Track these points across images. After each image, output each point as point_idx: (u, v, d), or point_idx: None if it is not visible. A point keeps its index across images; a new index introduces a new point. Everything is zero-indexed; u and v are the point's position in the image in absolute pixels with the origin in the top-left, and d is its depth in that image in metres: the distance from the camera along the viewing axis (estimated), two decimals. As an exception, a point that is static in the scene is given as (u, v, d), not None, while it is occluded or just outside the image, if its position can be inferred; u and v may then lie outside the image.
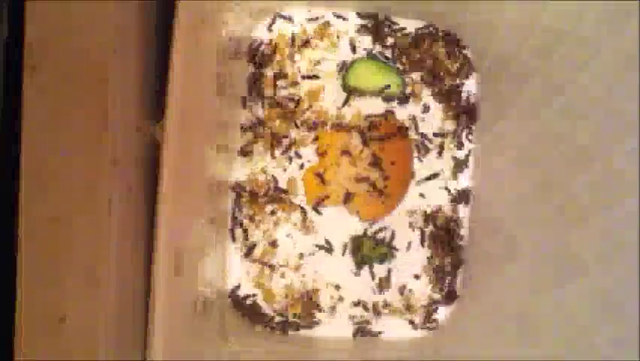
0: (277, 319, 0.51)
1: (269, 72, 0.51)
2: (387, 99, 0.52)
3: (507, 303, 0.47)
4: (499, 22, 0.47)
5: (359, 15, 0.52)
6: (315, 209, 0.51)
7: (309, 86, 0.51)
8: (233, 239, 0.51)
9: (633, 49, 0.37)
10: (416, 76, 0.52)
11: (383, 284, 0.52)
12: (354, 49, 0.52)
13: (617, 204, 0.39)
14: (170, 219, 0.33)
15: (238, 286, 0.51)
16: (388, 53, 0.52)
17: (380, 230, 0.52)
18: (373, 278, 0.52)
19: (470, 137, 0.53)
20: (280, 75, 0.51)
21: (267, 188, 0.51)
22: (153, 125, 0.33)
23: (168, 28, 0.33)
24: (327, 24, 0.51)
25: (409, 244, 0.52)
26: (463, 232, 0.53)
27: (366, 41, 0.52)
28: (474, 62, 0.53)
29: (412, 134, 0.52)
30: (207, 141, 0.42)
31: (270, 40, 0.51)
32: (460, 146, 0.53)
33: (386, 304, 0.52)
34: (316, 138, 0.51)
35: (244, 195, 0.50)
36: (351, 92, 0.51)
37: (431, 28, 0.52)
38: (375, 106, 0.52)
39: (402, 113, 0.52)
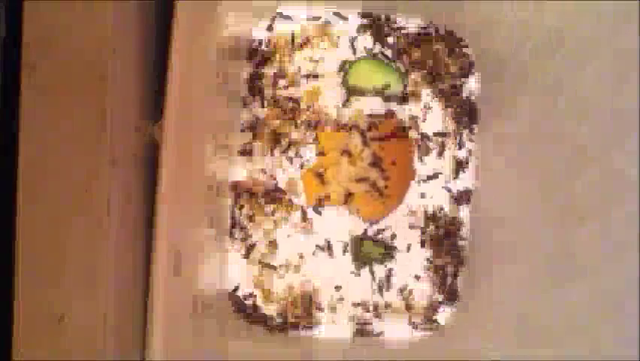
0: (277, 319, 0.51)
1: (268, 71, 0.51)
2: (388, 99, 0.52)
3: (507, 303, 0.47)
4: (499, 22, 0.47)
5: (359, 14, 0.52)
6: (315, 209, 0.51)
7: (309, 86, 0.51)
8: (233, 239, 0.50)
9: (633, 49, 0.37)
10: (417, 75, 0.52)
11: (383, 285, 0.52)
12: (354, 48, 0.52)
13: (617, 204, 0.39)
14: (169, 219, 0.33)
15: (238, 287, 0.51)
16: (389, 53, 0.52)
17: (380, 230, 0.52)
18: (374, 279, 0.52)
19: (471, 137, 0.53)
20: (280, 75, 0.51)
21: (267, 188, 0.51)
22: (152, 126, 0.33)
23: (168, 28, 0.33)
24: (327, 23, 0.51)
25: (410, 244, 0.52)
26: (464, 232, 0.53)
27: (366, 41, 0.52)
28: (474, 61, 0.53)
29: (413, 134, 0.52)
30: (206, 140, 0.42)
31: (270, 39, 0.51)
32: (460, 146, 0.53)
33: (387, 305, 0.52)
34: (316, 138, 0.51)
35: (243, 195, 0.50)
36: (351, 92, 0.51)
37: (432, 28, 0.52)
38: (375, 106, 0.52)
39: (402, 113, 0.52)
